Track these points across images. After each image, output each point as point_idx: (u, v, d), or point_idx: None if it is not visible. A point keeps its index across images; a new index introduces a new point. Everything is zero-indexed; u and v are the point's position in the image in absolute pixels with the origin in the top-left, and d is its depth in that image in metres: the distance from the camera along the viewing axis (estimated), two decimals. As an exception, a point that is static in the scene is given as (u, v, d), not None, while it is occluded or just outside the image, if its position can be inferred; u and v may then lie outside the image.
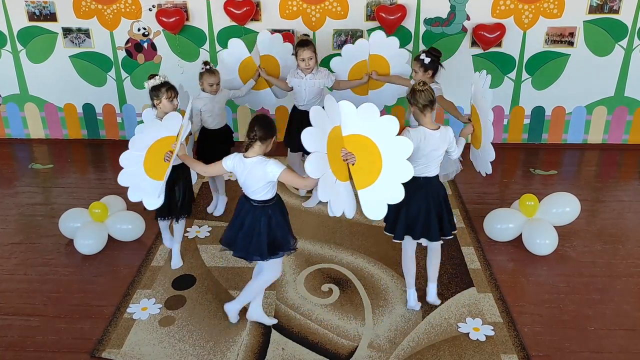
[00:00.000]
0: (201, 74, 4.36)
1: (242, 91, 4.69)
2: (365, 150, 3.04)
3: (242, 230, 3.14)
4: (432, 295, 3.59)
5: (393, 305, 3.59)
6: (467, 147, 3.68)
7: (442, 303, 3.60)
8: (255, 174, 3.03)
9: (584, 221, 4.50)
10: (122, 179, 3.46)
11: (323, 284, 3.80)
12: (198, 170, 3.47)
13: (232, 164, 3.10)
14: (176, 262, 4.00)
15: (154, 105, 3.76)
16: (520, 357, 3.17)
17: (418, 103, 3.18)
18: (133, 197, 3.46)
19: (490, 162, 3.53)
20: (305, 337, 3.35)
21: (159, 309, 3.58)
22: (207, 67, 4.35)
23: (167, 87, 3.72)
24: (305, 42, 4.37)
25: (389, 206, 3.04)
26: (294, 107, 4.65)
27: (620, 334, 3.35)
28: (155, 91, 3.71)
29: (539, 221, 4.16)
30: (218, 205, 4.71)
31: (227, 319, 3.46)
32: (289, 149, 4.76)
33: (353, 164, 3.05)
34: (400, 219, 3.30)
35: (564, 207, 4.25)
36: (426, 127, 3.21)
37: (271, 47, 4.71)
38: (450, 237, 3.43)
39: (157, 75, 3.81)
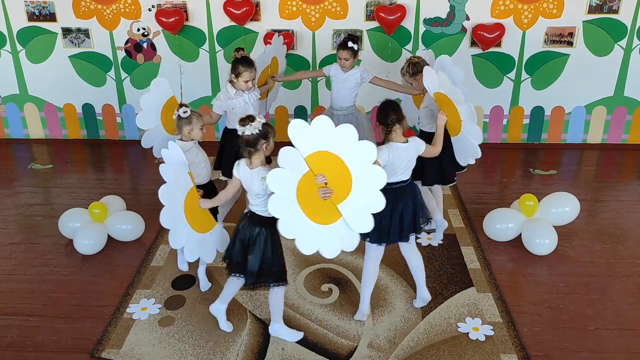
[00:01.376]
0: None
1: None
2: (331, 166, 2.78)
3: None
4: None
5: (393, 305, 3.59)
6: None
7: (441, 303, 3.60)
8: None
9: (584, 221, 4.50)
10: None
11: (323, 284, 3.80)
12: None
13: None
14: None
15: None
16: (520, 356, 3.17)
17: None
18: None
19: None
20: (305, 336, 3.35)
21: (159, 309, 3.58)
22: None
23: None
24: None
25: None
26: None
27: (620, 334, 3.36)
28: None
29: (538, 221, 4.16)
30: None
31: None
32: None
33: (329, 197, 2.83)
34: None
35: (564, 207, 4.25)
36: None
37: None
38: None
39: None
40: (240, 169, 3.05)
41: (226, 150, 4.07)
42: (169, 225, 3.11)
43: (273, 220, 2.87)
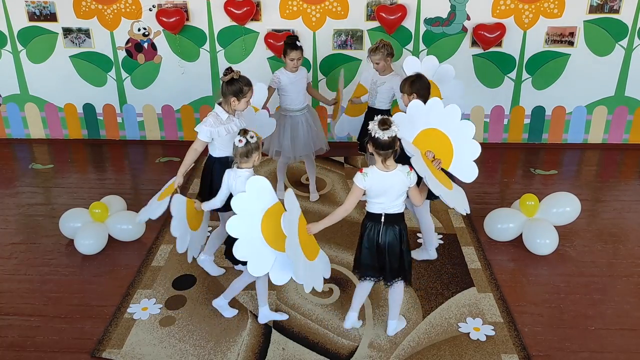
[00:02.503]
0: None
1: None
2: (436, 142, 3.35)
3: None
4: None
5: (393, 305, 3.59)
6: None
7: (442, 303, 3.60)
8: None
9: (585, 221, 4.50)
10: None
11: (323, 284, 3.79)
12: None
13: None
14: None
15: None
16: (521, 356, 3.17)
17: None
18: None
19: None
20: (306, 337, 3.35)
21: (159, 309, 3.58)
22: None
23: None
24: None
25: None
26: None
27: (621, 334, 3.35)
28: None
29: (539, 221, 4.16)
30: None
31: (228, 319, 3.46)
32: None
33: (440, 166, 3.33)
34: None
35: (565, 206, 4.25)
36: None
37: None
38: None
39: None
40: (370, 176, 2.96)
41: (216, 180, 3.53)
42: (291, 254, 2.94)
43: (403, 217, 3.10)
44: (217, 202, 3.36)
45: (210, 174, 3.63)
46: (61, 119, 6.21)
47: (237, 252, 2.92)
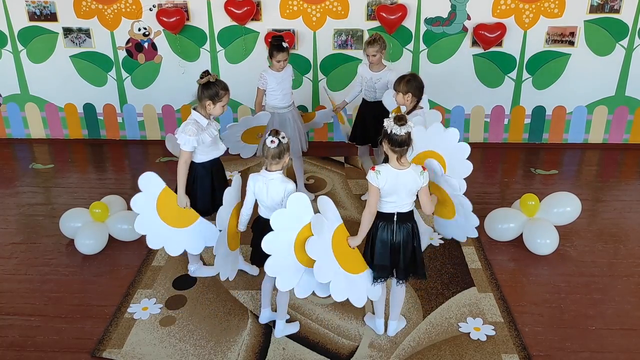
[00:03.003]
0: (217, 92, 3.49)
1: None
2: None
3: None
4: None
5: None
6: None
7: (443, 303, 3.60)
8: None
9: (585, 221, 4.49)
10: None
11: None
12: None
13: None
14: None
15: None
16: (521, 356, 3.17)
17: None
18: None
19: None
20: (306, 336, 3.35)
21: (160, 308, 3.58)
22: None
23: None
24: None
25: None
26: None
27: (621, 334, 3.35)
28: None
29: (539, 221, 4.16)
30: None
31: (228, 319, 3.46)
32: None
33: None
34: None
35: (565, 206, 4.25)
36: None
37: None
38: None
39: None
40: (382, 174, 2.92)
41: (201, 186, 3.58)
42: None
43: (413, 214, 3.06)
44: (245, 214, 3.26)
45: (193, 180, 3.54)
46: (61, 119, 6.22)
47: (269, 269, 2.90)
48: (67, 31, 5.78)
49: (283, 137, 3.03)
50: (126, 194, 4.85)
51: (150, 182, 3.39)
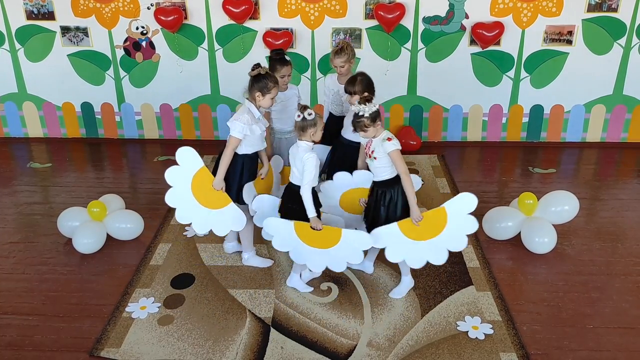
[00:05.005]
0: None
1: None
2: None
3: None
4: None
5: (392, 304, 3.59)
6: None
7: (441, 301, 3.60)
8: None
9: (583, 219, 4.50)
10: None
11: (322, 283, 3.80)
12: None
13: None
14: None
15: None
16: (519, 355, 3.17)
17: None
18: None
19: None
20: (304, 335, 3.35)
21: (158, 307, 3.58)
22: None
23: (320, 117, 3.45)
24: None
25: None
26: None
27: (619, 332, 3.36)
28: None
29: (537, 219, 4.16)
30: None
31: (227, 318, 3.46)
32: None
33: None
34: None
35: (563, 205, 4.25)
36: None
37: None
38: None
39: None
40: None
41: (246, 176, 3.69)
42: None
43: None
44: (310, 182, 3.40)
45: (239, 172, 3.64)
46: (59, 118, 6.20)
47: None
48: (65, 30, 5.77)
49: (310, 114, 3.32)
50: (124, 192, 4.86)
51: (188, 158, 3.57)
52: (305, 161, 3.33)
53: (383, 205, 3.44)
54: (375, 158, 3.39)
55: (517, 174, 5.45)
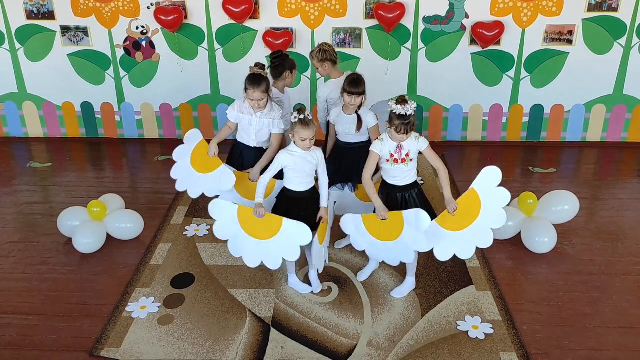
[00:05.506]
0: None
1: None
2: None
3: None
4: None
5: (392, 304, 3.59)
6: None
7: (441, 301, 3.60)
8: None
9: (583, 219, 4.50)
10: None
11: (322, 282, 3.79)
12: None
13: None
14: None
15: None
16: (519, 355, 3.17)
17: None
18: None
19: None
20: (305, 335, 3.34)
21: (158, 307, 3.58)
22: (301, 116, 3.36)
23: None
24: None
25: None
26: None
27: (619, 332, 3.36)
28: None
29: (538, 219, 4.16)
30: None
31: (227, 318, 3.46)
32: None
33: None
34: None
35: (563, 205, 4.25)
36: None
37: None
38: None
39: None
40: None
41: (235, 161, 3.99)
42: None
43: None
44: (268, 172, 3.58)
45: (230, 155, 4.07)
46: (59, 118, 6.20)
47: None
48: (65, 29, 5.77)
49: (308, 115, 3.38)
50: (124, 192, 4.85)
51: (193, 137, 3.98)
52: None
53: (416, 206, 3.44)
54: (411, 160, 3.41)
55: (517, 174, 5.45)
